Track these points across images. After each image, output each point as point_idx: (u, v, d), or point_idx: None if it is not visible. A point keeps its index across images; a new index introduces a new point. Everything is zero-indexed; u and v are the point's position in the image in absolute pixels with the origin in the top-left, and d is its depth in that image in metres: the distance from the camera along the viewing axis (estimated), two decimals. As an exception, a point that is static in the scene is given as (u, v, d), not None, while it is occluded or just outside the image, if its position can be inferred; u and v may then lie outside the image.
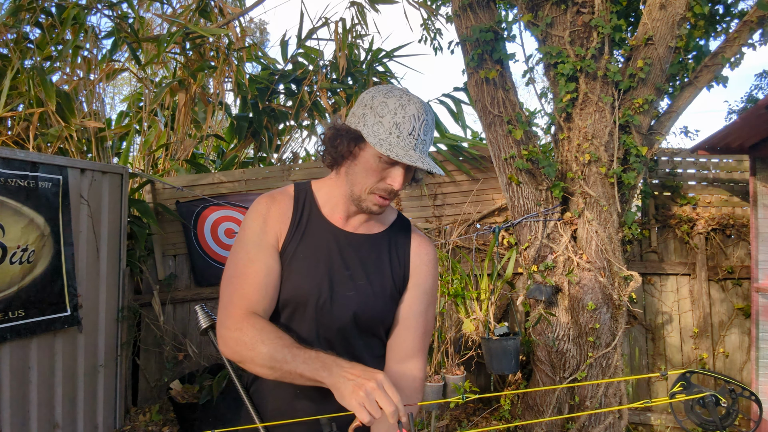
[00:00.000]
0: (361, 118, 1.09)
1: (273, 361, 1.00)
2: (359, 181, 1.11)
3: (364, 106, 1.10)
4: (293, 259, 1.15)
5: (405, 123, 1.06)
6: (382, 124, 1.06)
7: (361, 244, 1.19)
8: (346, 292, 1.15)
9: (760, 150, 3.24)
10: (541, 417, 3.18)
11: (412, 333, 1.21)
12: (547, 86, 3.59)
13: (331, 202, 1.19)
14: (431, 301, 1.26)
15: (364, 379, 0.91)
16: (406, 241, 1.24)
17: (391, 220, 1.26)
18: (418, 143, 1.07)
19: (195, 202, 4.19)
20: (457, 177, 4.18)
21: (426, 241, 1.27)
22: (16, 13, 3.93)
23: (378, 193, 1.11)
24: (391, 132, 1.05)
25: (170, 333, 4.07)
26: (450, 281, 3.45)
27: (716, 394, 0.67)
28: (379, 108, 1.07)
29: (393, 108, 1.06)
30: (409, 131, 1.06)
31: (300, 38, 5.37)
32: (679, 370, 0.75)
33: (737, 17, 3.74)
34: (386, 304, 1.20)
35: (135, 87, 7.28)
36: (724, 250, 3.77)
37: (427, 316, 1.24)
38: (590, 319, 3.03)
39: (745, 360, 3.69)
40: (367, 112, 1.08)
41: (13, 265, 2.91)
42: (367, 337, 1.20)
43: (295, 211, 1.18)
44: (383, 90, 1.10)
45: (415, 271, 1.22)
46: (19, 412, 2.95)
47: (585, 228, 3.09)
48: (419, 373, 1.21)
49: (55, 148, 4.04)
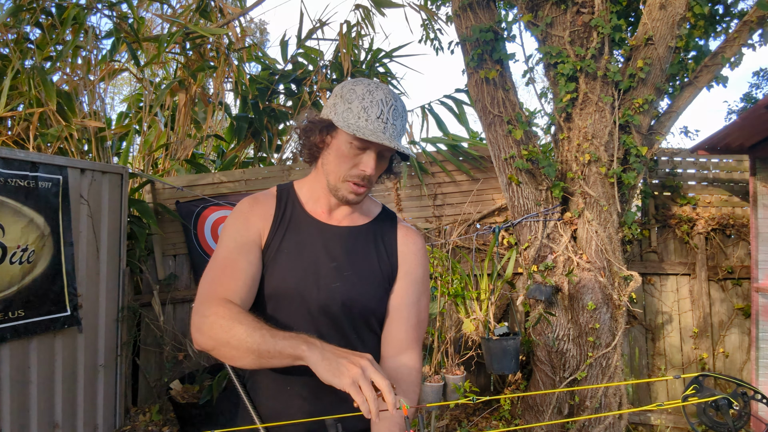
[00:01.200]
0: (332, 108, 1.12)
1: (251, 340, 0.94)
2: (333, 169, 1.13)
3: (334, 96, 1.14)
4: (277, 254, 1.15)
5: (373, 107, 1.08)
6: (351, 110, 1.09)
7: (345, 237, 1.19)
8: (332, 283, 1.14)
9: (760, 150, 3.24)
10: (541, 417, 3.18)
11: (405, 324, 1.19)
12: (547, 86, 3.59)
13: (314, 197, 1.21)
14: (423, 291, 1.23)
15: (356, 357, 0.88)
16: (392, 232, 1.24)
17: (375, 213, 1.26)
18: (387, 127, 1.09)
19: (195, 202, 4.19)
20: (457, 177, 4.18)
21: (413, 231, 1.27)
22: (16, 13, 3.93)
23: (352, 180, 1.12)
24: (359, 117, 1.08)
25: (170, 333, 4.07)
26: (450, 281, 3.45)
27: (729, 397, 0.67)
28: (348, 95, 1.10)
29: (361, 94, 1.09)
30: (377, 115, 1.08)
31: (300, 38, 5.37)
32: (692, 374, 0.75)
33: (737, 17, 3.74)
34: (375, 292, 1.18)
35: (135, 87, 7.28)
36: (724, 250, 3.77)
37: (419, 306, 1.22)
38: (590, 319, 3.03)
39: (745, 360, 3.69)
40: (338, 101, 1.11)
41: (13, 265, 2.91)
42: (361, 330, 1.18)
43: (278, 209, 1.19)
44: (352, 80, 1.14)
45: (403, 260, 1.22)
46: (19, 412, 2.95)
47: (585, 228, 3.09)
48: (415, 365, 1.18)
49: (55, 148, 4.03)
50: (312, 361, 0.89)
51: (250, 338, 0.94)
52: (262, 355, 0.94)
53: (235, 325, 0.97)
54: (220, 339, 0.98)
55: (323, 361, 0.88)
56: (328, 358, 0.89)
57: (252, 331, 0.95)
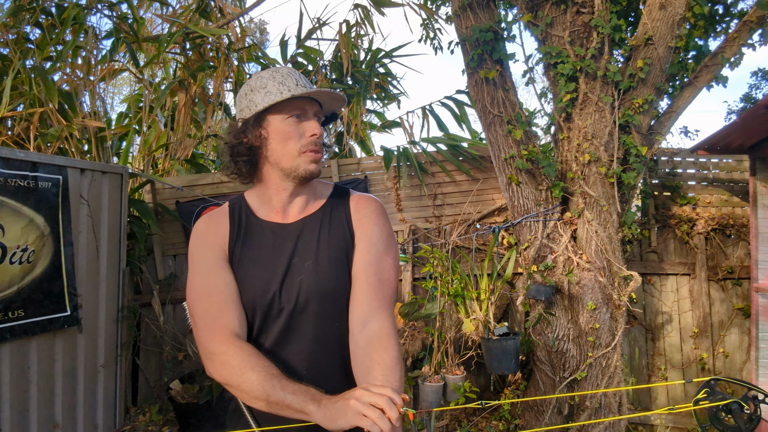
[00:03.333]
0: (249, 103, 1.15)
1: (260, 390, 0.99)
2: (283, 152, 1.15)
3: (245, 95, 1.17)
4: (240, 265, 1.17)
5: (286, 78, 1.15)
6: (269, 91, 1.13)
7: (300, 230, 1.20)
8: (296, 278, 1.15)
9: (760, 150, 3.24)
10: (541, 417, 3.18)
11: (366, 285, 1.14)
12: (547, 86, 3.59)
13: (264, 201, 1.22)
14: (384, 251, 1.19)
15: (347, 394, 0.91)
16: (344, 204, 1.24)
17: (327, 194, 1.26)
18: (307, 84, 1.16)
19: (195, 202, 4.19)
20: (457, 177, 4.18)
21: (365, 197, 1.26)
22: (16, 13, 3.93)
23: (307, 150, 1.15)
24: (281, 90, 1.13)
25: (170, 333, 4.07)
26: (450, 281, 3.45)
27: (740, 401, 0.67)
28: (258, 83, 1.15)
29: (269, 75, 1.16)
30: (295, 82, 1.15)
31: (299, 38, 5.37)
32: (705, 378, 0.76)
33: (737, 17, 3.73)
34: (340, 271, 1.17)
35: (135, 87, 7.28)
36: (723, 250, 3.77)
37: (380, 266, 1.16)
38: (590, 319, 3.03)
39: (744, 360, 3.69)
40: (253, 95, 1.15)
41: (13, 265, 2.91)
42: (338, 315, 1.16)
43: (232, 222, 1.20)
44: (252, 76, 1.20)
45: (357, 225, 1.20)
46: (19, 412, 2.95)
47: (585, 228, 3.09)
48: (385, 327, 1.10)
49: (55, 148, 4.03)
50: (318, 419, 0.93)
51: (261, 387, 0.99)
52: (271, 405, 0.99)
53: (246, 371, 1.01)
54: (231, 382, 1.03)
55: (326, 417, 0.92)
56: (329, 409, 0.92)
57: (263, 380, 0.99)
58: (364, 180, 4.22)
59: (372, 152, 5.91)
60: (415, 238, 4.11)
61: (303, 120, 1.15)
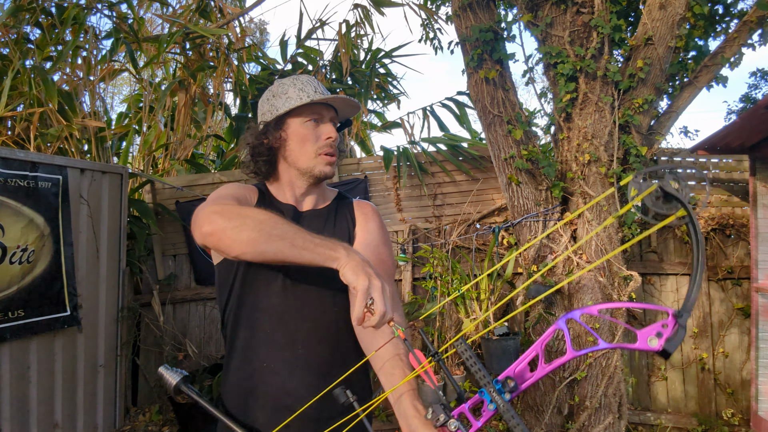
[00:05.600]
0: (271, 108, 1.24)
1: (264, 222, 0.97)
2: (301, 153, 1.23)
3: (266, 101, 1.26)
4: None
5: (306, 86, 1.23)
6: (290, 97, 1.22)
7: (311, 218, 1.29)
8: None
9: (760, 150, 3.24)
10: (541, 417, 3.18)
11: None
12: (547, 86, 3.59)
13: (281, 192, 1.30)
14: (381, 241, 1.26)
15: (378, 273, 0.91)
16: (349, 207, 1.34)
17: (332, 197, 1.36)
18: (325, 92, 1.25)
19: (195, 202, 4.19)
20: (457, 177, 4.18)
21: (365, 202, 1.37)
22: (16, 13, 3.93)
23: (323, 152, 1.23)
24: (300, 96, 1.21)
25: (170, 333, 4.07)
26: (450, 281, 3.45)
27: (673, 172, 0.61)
28: (280, 90, 1.24)
29: (290, 83, 1.25)
30: (313, 89, 1.23)
31: (299, 38, 5.37)
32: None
33: (737, 17, 3.74)
34: None
35: (135, 87, 7.28)
36: (723, 250, 3.77)
37: (378, 250, 1.22)
38: (590, 319, 3.03)
39: (744, 360, 3.69)
40: (274, 100, 1.24)
41: (13, 265, 2.91)
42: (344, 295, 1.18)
43: (260, 196, 1.28)
44: (274, 83, 1.28)
45: (358, 222, 1.31)
46: (19, 412, 2.95)
47: (585, 228, 3.10)
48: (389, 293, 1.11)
49: (54, 148, 4.03)
50: (342, 263, 0.92)
51: (264, 222, 0.97)
52: (271, 239, 0.95)
53: (247, 210, 1.02)
54: (232, 219, 0.99)
55: (350, 263, 0.91)
56: (357, 262, 0.91)
57: (267, 216, 0.99)
58: (364, 180, 4.22)
59: (372, 152, 5.92)
60: (415, 238, 4.11)
61: (320, 124, 1.24)
